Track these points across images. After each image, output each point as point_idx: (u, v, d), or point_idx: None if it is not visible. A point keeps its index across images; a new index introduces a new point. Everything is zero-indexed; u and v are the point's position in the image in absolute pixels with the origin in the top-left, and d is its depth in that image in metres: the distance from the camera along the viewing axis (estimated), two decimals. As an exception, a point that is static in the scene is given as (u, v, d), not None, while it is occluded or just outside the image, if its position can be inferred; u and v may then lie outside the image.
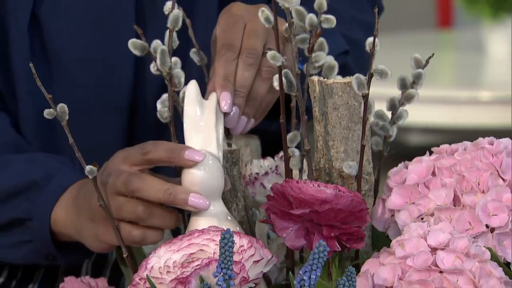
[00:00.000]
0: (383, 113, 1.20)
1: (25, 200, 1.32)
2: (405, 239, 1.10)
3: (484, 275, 1.07)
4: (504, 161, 1.14)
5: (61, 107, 1.18)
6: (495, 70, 3.39)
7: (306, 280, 1.02)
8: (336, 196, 1.10)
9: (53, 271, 1.47)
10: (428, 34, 3.95)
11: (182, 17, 1.21)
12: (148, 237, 1.18)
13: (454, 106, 2.88)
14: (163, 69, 1.19)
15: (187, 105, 1.18)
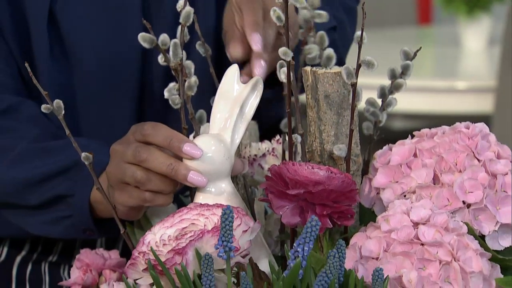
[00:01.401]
0: (374, 100, 1.20)
1: (67, 179, 1.32)
2: (390, 214, 1.10)
3: (462, 247, 1.07)
4: (479, 143, 1.14)
5: (57, 102, 1.18)
6: (470, 62, 3.39)
7: (299, 252, 1.02)
8: (329, 177, 1.09)
9: (71, 244, 1.47)
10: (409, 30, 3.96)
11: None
12: (158, 199, 1.18)
13: (433, 94, 2.88)
14: (175, 60, 1.18)
15: (225, 83, 1.17)
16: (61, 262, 1.48)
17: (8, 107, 1.38)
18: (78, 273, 1.22)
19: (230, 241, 1.04)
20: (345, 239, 1.09)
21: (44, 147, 1.35)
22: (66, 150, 1.30)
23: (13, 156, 1.35)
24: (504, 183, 1.12)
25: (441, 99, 2.88)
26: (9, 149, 1.35)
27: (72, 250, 1.47)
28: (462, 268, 1.06)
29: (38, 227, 1.37)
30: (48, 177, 1.33)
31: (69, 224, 1.33)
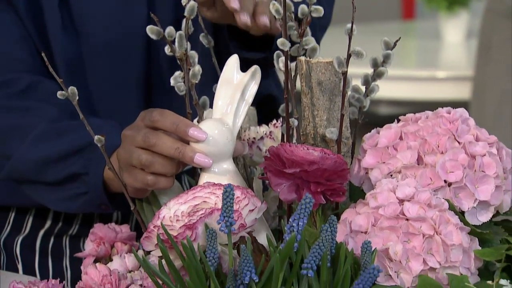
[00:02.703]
0: (358, 87, 1.20)
1: (81, 158, 1.31)
2: (377, 192, 1.10)
3: (443, 222, 1.07)
4: (460, 127, 1.14)
5: (72, 89, 1.18)
6: (449, 54, 3.39)
7: (295, 226, 1.02)
8: (322, 158, 1.09)
9: (89, 218, 1.47)
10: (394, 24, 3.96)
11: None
12: (160, 182, 1.18)
13: (416, 83, 2.89)
14: (180, 51, 1.17)
15: (227, 71, 1.16)
16: (81, 235, 1.48)
17: (27, 87, 1.38)
18: (92, 245, 1.22)
19: (231, 217, 1.03)
20: (336, 215, 1.08)
21: (61, 127, 1.34)
22: (81, 130, 1.29)
23: (33, 136, 1.34)
24: (482, 163, 1.12)
25: (423, 87, 2.89)
26: (29, 128, 1.35)
27: (90, 223, 1.46)
28: (444, 241, 1.06)
29: (56, 203, 1.37)
30: (64, 156, 1.32)
31: (85, 200, 1.32)
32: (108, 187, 1.30)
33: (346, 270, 1.02)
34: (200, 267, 1.03)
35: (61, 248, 1.47)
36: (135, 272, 1.15)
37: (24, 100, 1.37)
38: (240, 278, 1.01)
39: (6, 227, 1.48)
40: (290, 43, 1.16)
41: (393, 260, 1.05)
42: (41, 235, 1.47)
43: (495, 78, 2.69)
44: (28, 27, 1.38)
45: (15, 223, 1.48)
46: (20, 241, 1.47)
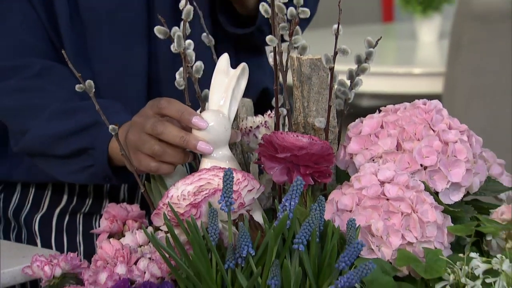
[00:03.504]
0: (344, 81, 1.19)
1: (89, 135, 1.31)
2: (361, 175, 1.09)
3: (420, 202, 1.07)
4: (434, 117, 1.13)
5: (89, 83, 1.16)
6: (424, 52, 3.39)
7: (287, 206, 1.02)
8: (311, 143, 1.09)
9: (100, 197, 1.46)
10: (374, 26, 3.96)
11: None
12: (162, 169, 1.17)
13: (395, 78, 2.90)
14: (179, 49, 1.15)
15: (217, 73, 1.15)
16: (93, 213, 1.47)
17: (41, 70, 1.37)
18: (106, 223, 1.22)
19: (230, 197, 1.03)
20: (324, 195, 1.08)
21: (72, 107, 1.33)
22: (89, 110, 1.28)
23: (47, 114, 1.34)
24: (454, 149, 1.11)
25: (401, 82, 2.89)
26: (43, 107, 1.35)
27: (101, 202, 1.46)
28: (420, 219, 1.05)
29: (66, 175, 1.37)
30: (73, 132, 1.32)
31: (92, 172, 1.32)
32: (112, 161, 1.29)
33: (333, 245, 1.01)
34: (203, 242, 1.03)
35: (75, 225, 1.47)
36: (144, 247, 1.14)
37: (38, 82, 1.36)
38: (238, 252, 1.01)
39: (26, 205, 1.48)
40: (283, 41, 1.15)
41: (375, 235, 1.05)
42: (57, 213, 1.47)
43: (464, 74, 2.69)
44: (41, 15, 1.37)
45: (34, 202, 1.48)
46: (38, 218, 1.47)
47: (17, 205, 1.48)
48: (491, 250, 1.08)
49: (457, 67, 2.71)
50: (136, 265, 1.10)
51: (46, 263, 1.13)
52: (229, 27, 1.42)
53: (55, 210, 1.47)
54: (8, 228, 1.49)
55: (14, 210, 1.48)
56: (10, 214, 1.49)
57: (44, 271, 1.13)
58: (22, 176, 1.47)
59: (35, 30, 1.38)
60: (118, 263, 1.10)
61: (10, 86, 1.36)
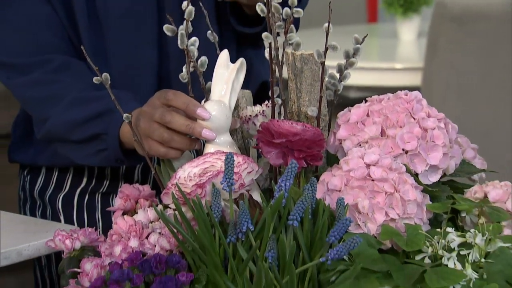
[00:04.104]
0: (334, 74, 1.18)
1: (102, 121, 1.30)
2: (349, 158, 1.08)
3: (402, 182, 1.06)
4: (415, 106, 1.13)
5: (105, 75, 1.15)
6: (404, 50, 3.39)
7: (283, 186, 1.01)
8: (304, 130, 1.08)
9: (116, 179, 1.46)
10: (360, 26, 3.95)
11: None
12: (170, 154, 1.16)
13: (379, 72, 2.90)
14: (182, 46, 1.15)
15: (218, 67, 1.14)
16: (110, 192, 1.47)
17: (60, 64, 1.36)
18: (121, 201, 1.21)
19: (231, 178, 1.02)
20: (316, 177, 1.08)
21: (87, 96, 1.33)
22: (102, 99, 1.28)
23: (65, 103, 1.33)
24: (433, 135, 1.11)
25: (384, 76, 2.89)
26: (62, 97, 1.34)
27: (117, 183, 1.45)
28: (402, 197, 1.05)
29: (82, 158, 1.36)
30: (88, 119, 1.31)
31: (105, 155, 1.31)
32: (123, 145, 1.28)
33: (324, 221, 1.01)
34: (207, 218, 1.02)
35: (94, 204, 1.46)
36: (155, 223, 1.14)
37: (57, 75, 1.36)
38: (239, 227, 1.00)
39: (50, 186, 1.48)
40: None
41: (362, 212, 1.04)
42: (78, 193, 1.47)
43: (440, 69, 2.69)
44: (60, 16, 1.36)
45: (57, 183, 1.48)
46: (61, 198, 1.47)
47: (42, 186, 1.48)
48: (465, 226, 1.08)
49: (434, 63, 2.71)
50: (147, 239, 1.10)
51: (67, 237, 1.13)
52: (238, 27, 1.41)
53: (76, 190, 1.47)
54: (34, 207, 1.50)
55: (40, 191, 1.48)
56: (36, 194, 1.49)
57: (65, 244, 1.13)
58: (46, 161, 1.47)
59: (55, 29, 1.37)
60: (131, 237, 1.10)
61: (33, 79, 1.36)
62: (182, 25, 1.15)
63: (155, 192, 1.24)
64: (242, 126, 1.20)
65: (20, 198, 1.52)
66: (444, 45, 2.67)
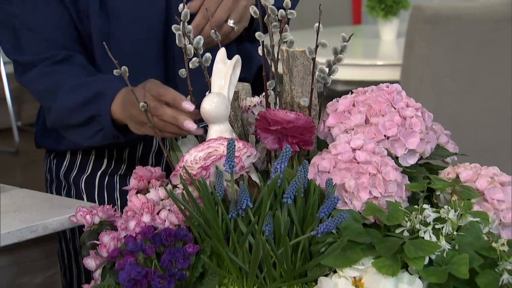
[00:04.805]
0: (323, 69, 1.17)
1: (95, 104, 1.29)
2: (337, 143, 1.07)
3: (383, 164, 1.05)
4: (395, 97, 1.11)
5: (124, 68, 1.13)
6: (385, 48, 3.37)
7: (278, 168, 1.00)
8: (296, 118, 1.07)
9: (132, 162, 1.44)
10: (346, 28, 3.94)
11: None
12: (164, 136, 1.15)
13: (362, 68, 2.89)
14: (180, 45, 1.13)
15: (217, 63, 1.13)
16: (127, 174, 1.46)
17: (64, 57, 1.35)
18: (135, 181, 1.20)
19: (233, 161, 1.01)
20: (307, 160, 1.06)
21: (80, 83, 1.32)
22: (92, 84, 1.28)
23: (63, 91, 1.33)
24: (411, 123, 1.10)
25: (367, 71, 2.89)
26: (61, 86, 1.33)
27: (133, 166, 1.45)
28: (384, 178, 1.04)
29: (84, 140, 1.35)
30: (81, 104, 1.30)
31: (103, 135, 1.31)
32: (116, 122, 1.28)
33: (315, 199, 1.00)
34: (211, 197, 1.01)
35: (113, 184, 1.46)
36: (165, 201, 1.13)
37: (58, 67, 1.35)
38: (239, 205, 0.99)
39: (74, 169, 1.47)
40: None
41: (348, 191, 1.03)
42: (99, 175, 1.46)
43: (417, 66, 2.68)
44: (72, 13, 1.35)
45: (80, 166, 1.47)
46: (84, 179, 1.46)
47: (67, 169, 1.48)
48: (440, 203, 1.07)
49: (411, 60, 2.70)
50: (158, 215, 1.09)
51: (87, 213, 1.12)
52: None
53: (98, 173, 1.46)
54: (60, 187, 1.49)
55: (65, 173, 1.48)
56: (62, 176, 1.48)
57: (85, 219, 1.12)
58: (67, 146, 1.46)
59: (64, 30, 1.36)
60: (144, 213, 1.09)
61: (37, 72, 1.35)
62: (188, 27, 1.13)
63: (166, 173, 1.23)
64: (242, 115, 1.19)
65: (47, 179, 1.51)
66: (419, 44, 2.66)
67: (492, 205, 1.04)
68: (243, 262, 0.99)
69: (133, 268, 0.97)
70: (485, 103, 2.65)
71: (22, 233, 1.19)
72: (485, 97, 2.65)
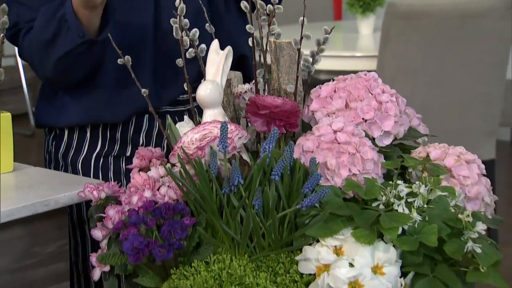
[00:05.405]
0: (308, 58, 1.15)
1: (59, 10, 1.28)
2: (320, 126, 1.06)
3: (362, 145, 1.04)
4: (372, 84, 1.10)
5: (127, 58, 1.11)
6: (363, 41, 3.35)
7: (267, 148, 0.99)
8: (283, 103, 1.06)
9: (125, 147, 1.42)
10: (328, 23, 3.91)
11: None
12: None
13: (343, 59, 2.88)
14: (177, 37, 1.11)
15: (210, 53, 1.11)
16: (120, 155, 1.43)
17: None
18: (137, 160, 1.18)
19: (226, 142, 1.00)
20: (293, 141, 1.06)
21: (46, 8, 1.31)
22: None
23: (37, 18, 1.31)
24: (386, 107, 1.09)
25: (347, 62, 2.88)
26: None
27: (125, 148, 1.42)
28: (362, 157, 1.03)
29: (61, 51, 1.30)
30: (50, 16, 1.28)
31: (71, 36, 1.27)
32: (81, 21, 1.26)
33: (300, 176, 0.99)
34: (206, 174, 1.00)
35: (107, 165, 1.43)
36: (164, 178, 1.12)
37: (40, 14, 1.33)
38: (231, 181, 0.98)
39: (71, 150, 1.44)
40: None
41: (330, 169, 1.02)
42: (94, 156, 1.43)
43: (391, 57, 2.67)
44: None
45: (77, 148, 1.44)
46: (81, 160, 1.43)
47: (64, 150, 1.45)
48: (412, 179, 1.07)
49: (386, 52, 2.69)
50: (158, 191, 1.08)
51: (95, 188, 1.11)
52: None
53: (93, 154, 1.43)
54: (58, 167, 1.47)
55: (63, 154, 1.45)
56: (60, 157, 1.45)
57: (93, 194, 1.11)
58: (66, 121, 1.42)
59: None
60: (146, 189, 1.07)
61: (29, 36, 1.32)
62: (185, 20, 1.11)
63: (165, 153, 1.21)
64: (234, 100, 1.18)
65: (46, 160, 1.49)
66: (394, 37, 2.65)
67: (459, 181, 1.04)
68: (235, 233, 0.98)
69: (136, 238, 0.97)
70: (452, 90, 2.65)
71: (35, 207, 1.18)
72: (451, 85, 2.65)
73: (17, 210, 1.16)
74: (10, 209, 1.15)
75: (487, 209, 1.06)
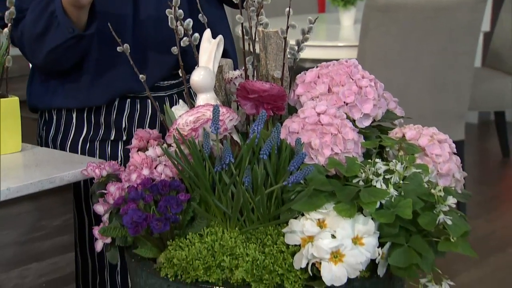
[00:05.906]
0: (293, 47, 1.14)
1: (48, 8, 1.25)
2: (305, 109, 1.05)
3: (343, 126, 1.03)
4: (353, 70, 1.09)
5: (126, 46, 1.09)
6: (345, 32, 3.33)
7: (256, 130, 0.98)
8: (271, 88, 1.05)
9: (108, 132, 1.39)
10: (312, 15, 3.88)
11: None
12: None
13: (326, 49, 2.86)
14: (172, 26, 1.09)
15: (203, 41, 1.09)
16: (105, 139, 1.39)
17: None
18: (136, 141, 1.17)
19: (218, 124, 0.99)
20: (280, 123, 1.04)
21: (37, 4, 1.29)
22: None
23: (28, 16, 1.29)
24: (366, 91, 1.07)
25: (330, 51, 2.86)
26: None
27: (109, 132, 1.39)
28: (343, 137, 1.02)
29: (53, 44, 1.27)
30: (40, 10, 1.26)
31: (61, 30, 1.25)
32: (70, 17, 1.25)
33: (286, 155, 0.98)
34: (199, 154, 0.99)
35: (93, 149, 1.40)
36: (161, 157, 1.10)
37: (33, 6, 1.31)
38: (223, 160, 0.97)
39: (59, 134, 1.41)
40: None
41: (314, 149, 1.01)
42: (81, 141, 1.40)
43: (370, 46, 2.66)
44: None
45: (64, 132, 1.40)
46: (69, 144, 1.40)
47: (54, 134, 1.41)
48: (389, 157, 1.06)
49: (366, 42, 2.68)
50: (155, 169, 1.07)
51: (97, 167, 1.10)
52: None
53: (80, 138, 1.40)
54: None
55: (52, 138, 1.42)
56: (50, 140, 1.43)
57: (95, 172, 1.10)
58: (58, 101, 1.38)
59: None
60: (144, 168, 1.06)
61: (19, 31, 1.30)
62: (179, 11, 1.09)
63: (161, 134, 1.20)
64: (225, 85, 1.16)
65: (38, 142, 1.47)
66: (373, 29, 2.64)
67: (432, 159, 1.03)
68: (227, 208, 0.98)
69: (135, 213, 0.96)
70: (426, 76, 2.64)
71: (42, 184, 1.16)
72: (425, 72, 2.64)
73: (25, 187, 1.14)
74: (18, 185, 1.13)
75: (457, 185, 1.05)
